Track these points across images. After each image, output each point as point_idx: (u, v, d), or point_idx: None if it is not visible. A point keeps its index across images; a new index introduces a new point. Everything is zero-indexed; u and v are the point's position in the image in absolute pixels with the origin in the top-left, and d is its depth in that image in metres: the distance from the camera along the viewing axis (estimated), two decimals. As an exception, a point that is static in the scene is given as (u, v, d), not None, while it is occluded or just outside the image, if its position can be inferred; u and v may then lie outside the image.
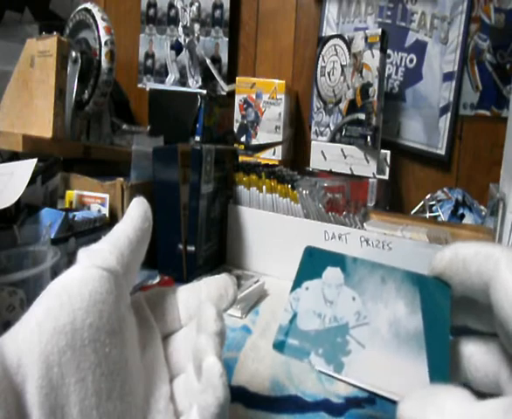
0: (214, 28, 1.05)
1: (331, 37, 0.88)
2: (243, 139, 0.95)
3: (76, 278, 0.20)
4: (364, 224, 0.53)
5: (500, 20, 0.85)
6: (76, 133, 0.75)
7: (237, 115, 0.95)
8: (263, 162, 0.66)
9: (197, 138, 0.83)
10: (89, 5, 0.76)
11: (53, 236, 0.42)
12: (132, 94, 1.10)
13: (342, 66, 0.85)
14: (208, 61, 1.00)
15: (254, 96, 0.93)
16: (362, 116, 0.80)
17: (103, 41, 0.73)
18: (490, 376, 0.21)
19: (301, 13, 1.01)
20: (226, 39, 1.04)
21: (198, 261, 0.53)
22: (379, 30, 0.78)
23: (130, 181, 0.53)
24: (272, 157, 0.93)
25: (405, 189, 0.95)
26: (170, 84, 0.99)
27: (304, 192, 0.54)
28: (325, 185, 0.64)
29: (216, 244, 0.58)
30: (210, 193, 0.54)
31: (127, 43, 1.14)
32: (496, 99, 0.87)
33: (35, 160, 0.45)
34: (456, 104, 0.89)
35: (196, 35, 0.97)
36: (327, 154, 0.86)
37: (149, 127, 0.86)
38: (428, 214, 0.78)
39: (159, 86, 0.97)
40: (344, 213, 0.53)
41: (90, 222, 0.47)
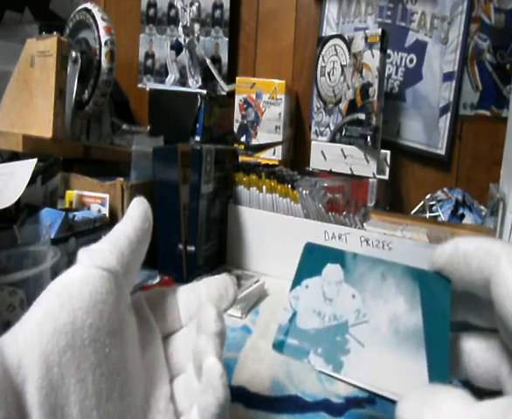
0: (214, 28, 1.05)
1: (331, 37, 0.88)
2: (243, 139, 0.95)
3: (76, 278, 0.20)
4: (364, 224, 0.53)
5: (500, 20, 0.85)
6: (76, 133, 0.75)
7: (237, 115, 0.95)
8: (263, 162, 0.66)
9: (197, 138, 0.82)
10: (89, 5, 0.76)
11: (53, 236, 0.42)
12: (132, 94, 1.10)
13: (342, 66, 0.85)
14: (208, 61, 1.00)
15: (254, 96, 0.93)
16: (362, 116, 0.80)
17: (103, 41, 0.73)
18: (491, 372, 0.21)
19: (301, 13, 1.01)
20: (226, 39, 1.04)
21: (198, 261, 0.53)
22: (379, 30, 0.78)
23: (130, 181, 0.53)
24: (272, 157, 0.93)
25: (405, 189, 0.95)
26: (170, 84, 0.99)
27: (304, 192, 0.54)
28: (325, 185, 0.64)
29: (216, 244, 0.58)
30: (210, 193, 0.54)
31: (127, 43, 1.14)
32: (496, 99, 0.87)
33: (35, 160, 0.45)
34: (456, 104, 0.89)
35: (196, 35, 0.97)
36: (327, 154, 0.86)
37: (149, 127, 0.86)
38: (428, 214, 0.78)
39: (159, 86, 0.97)
40: (344, 213, 0.53)
41: (90, 222, 0.47)
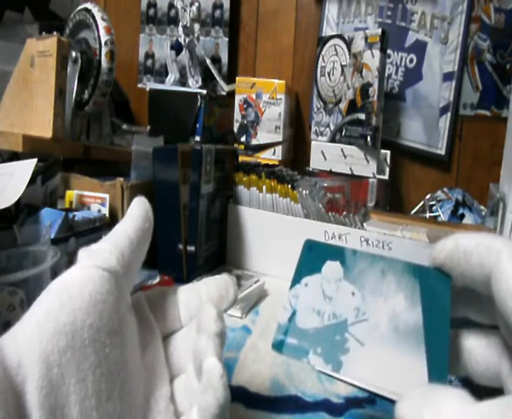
0: (214, 28, 1.05)
1: (331, 37, 0.88)
2: (243, 139, 0.95)
3: (76, 279, 0.20)
4: (364, 224, 0.53)
5: (500, 20, 0.85)
6: (76, 133, 0.75)
7: (237, 115, 0.95)
8: (263, 162, 0.66)
9: (197, 138, 0.82)
10: (89, 5, 0.76)
11: (53, 236, 0.42)
12: (132, 94, 1.10)
13: (342, 66, 0.85)
14: (208, 61, 1.00)
15: (254, 96, 0.93)
16: (362, 116, 0.80)
17: (103, 41, 0.73)
18: (491, 369, 0.21)
19: (301, 13, 1.01)
20: (226, 39, 1.04)
21: (198, 261, 0.53)
22: (379, 30, 0.78)
23: (130, 181, 0.53)
24: (272, 157, 0.93)
25: (405, 189, 0.95)
26: (170, 84, 0.99)
27: (304, 192, 0.54)
28: (325, 185, 0.64)
29: (216, 244, 0.58)
30: (210, 193, 0.54)
31: (127, 43, 1.14)
32: (496, 99, 0.87)
33: (35, 160, 0.45)
34: (456, 104, 0.89)
35: (196, 35, 0.97)
36: (327, 154, 0.86)
37: (149, 127, 0.86)
38: (428, 214, 0.78)
39: (159, 86, 0.97)
40: (344, 213, 0.53)
41: (90, 222, 0.47)
